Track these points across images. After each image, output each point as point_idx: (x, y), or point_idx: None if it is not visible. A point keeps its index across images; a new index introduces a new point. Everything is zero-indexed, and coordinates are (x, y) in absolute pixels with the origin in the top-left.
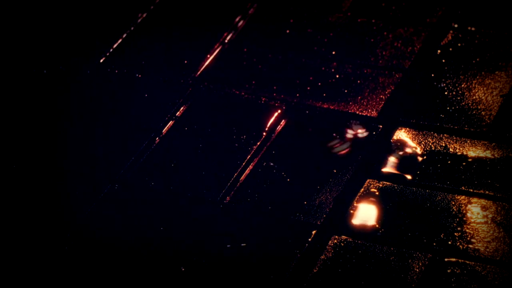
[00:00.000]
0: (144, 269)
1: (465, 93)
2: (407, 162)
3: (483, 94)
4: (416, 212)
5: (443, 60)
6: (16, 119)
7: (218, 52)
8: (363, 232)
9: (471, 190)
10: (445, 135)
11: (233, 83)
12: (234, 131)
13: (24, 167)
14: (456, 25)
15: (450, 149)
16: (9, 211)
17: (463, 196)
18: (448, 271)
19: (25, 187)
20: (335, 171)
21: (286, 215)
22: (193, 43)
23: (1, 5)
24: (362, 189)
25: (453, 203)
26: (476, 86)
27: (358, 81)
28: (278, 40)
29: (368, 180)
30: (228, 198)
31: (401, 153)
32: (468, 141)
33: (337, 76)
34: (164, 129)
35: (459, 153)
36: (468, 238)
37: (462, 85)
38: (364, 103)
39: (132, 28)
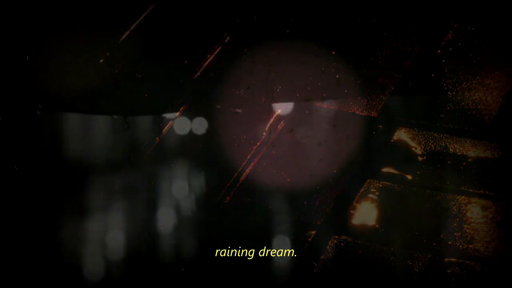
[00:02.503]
0: (144, 269)
1: (465, 93)
2: (407, 162)
3: (483, 94)
4: (415, 212)
5: (443, 60)
6: (15, 119)
7: (218, 52)
8: (363, 232)
9: (471, 190)
10: (445, 135)
11: (233, 83)
12: (234, 131)
13: (24, 167)
14: (456, 25)
15: (450, 149)
16: (9, 211)
17: (463, 196)
18: (448, 271)
19: (24, 187)
20: (335, 171)
21: (286, 215)
22: (193, 43)
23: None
24: (362, 189)
25: (453, 203)
26: (476, 86)
27: (358, 81)
28: (278, 40)
29: (368, 180)
30: (228, 198)
31: (401, 153)
32: (468, 141)
33: (337, 76)
34: (164, 129)
35: (459, 153)
36: (468, 238)
37: (462, 85)
38: (364, 103)
39: (131, 28)
